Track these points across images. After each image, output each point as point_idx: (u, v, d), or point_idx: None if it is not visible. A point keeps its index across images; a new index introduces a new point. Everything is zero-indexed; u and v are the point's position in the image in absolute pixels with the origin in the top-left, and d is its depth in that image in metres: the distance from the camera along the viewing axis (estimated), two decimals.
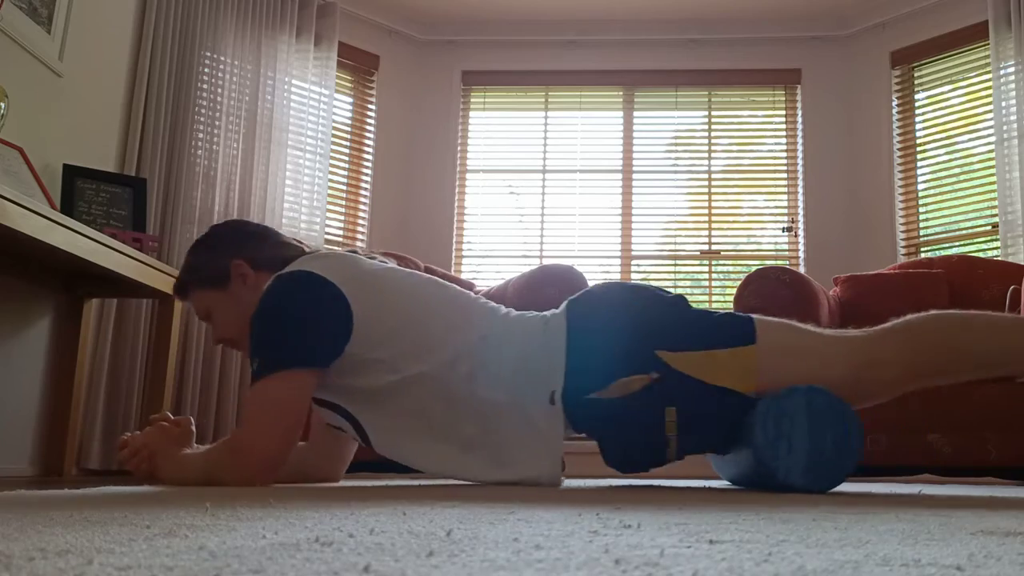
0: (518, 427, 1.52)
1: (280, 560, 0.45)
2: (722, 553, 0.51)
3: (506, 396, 1.51)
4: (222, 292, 1.64)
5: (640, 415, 1.49)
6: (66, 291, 2.87)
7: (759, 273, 2.98)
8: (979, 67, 4.16)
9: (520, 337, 1.56)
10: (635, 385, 1.48)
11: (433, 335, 1.54)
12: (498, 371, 1.52)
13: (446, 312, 1.58)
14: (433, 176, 4.70)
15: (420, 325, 1.55)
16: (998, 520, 0.82)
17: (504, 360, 1.53)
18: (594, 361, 1.51)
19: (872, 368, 1.51)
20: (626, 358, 1.50)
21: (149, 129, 3.45)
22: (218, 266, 1.64)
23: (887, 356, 1.51)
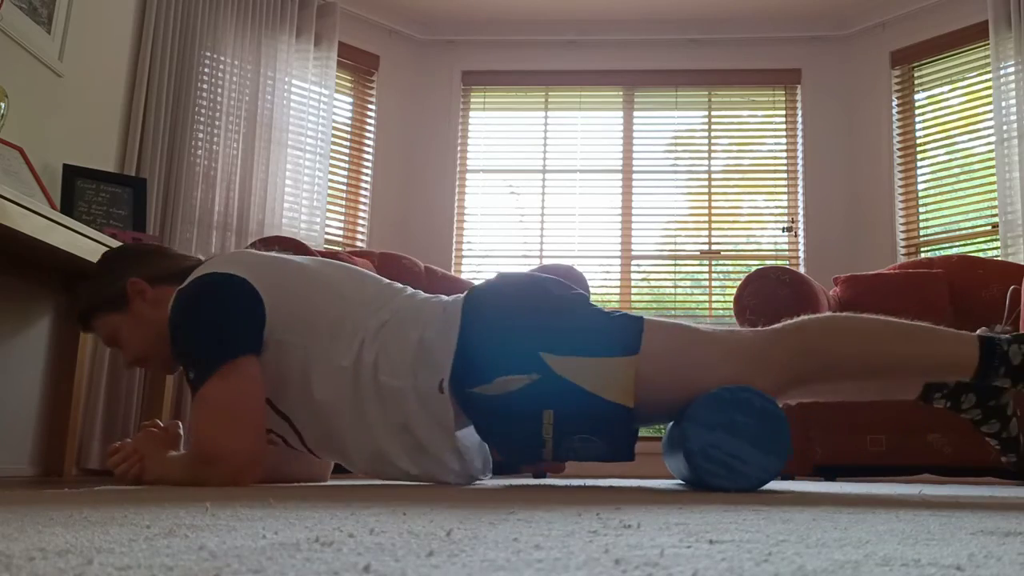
0: (418, 414, 1.52)
1: (280, 560, 0.45)
2: (722, 553, 0.51)
3: (405, 382, 1.51)
4: (123, 314, 1.65)
5: (518, 414, 1.49)
6: (66, 291, 2.87)
7: (759, 273, 2.98)
8: (979, 67, 4.16)
9: (421, 323, 1.55)
10: (514, 384, 1.48)
11: (337, 317, 1.55)
12: (399, 357, 1.52)
13: (349, 293, 1.59)
14: (433, 176, 4.70)
15: (324, 306, 1.55)
16: (998, 520, 0.82)
17: (405, 346, 1.53)
18: (480, 356, 1.50)
19: (753, 374, 1.48)
20: (510, 356, 1.49)
21: (149, 129, 3.45)
22: (114, 288, 1.64)
23: (771, 360, 1.49)
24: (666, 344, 1.51)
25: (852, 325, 1.54)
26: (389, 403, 1.52)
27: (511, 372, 1.48)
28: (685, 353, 1.51)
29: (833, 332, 1.51)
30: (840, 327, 1.53)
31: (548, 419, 1.48)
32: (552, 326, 1.52)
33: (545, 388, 1.47)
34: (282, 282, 1.56)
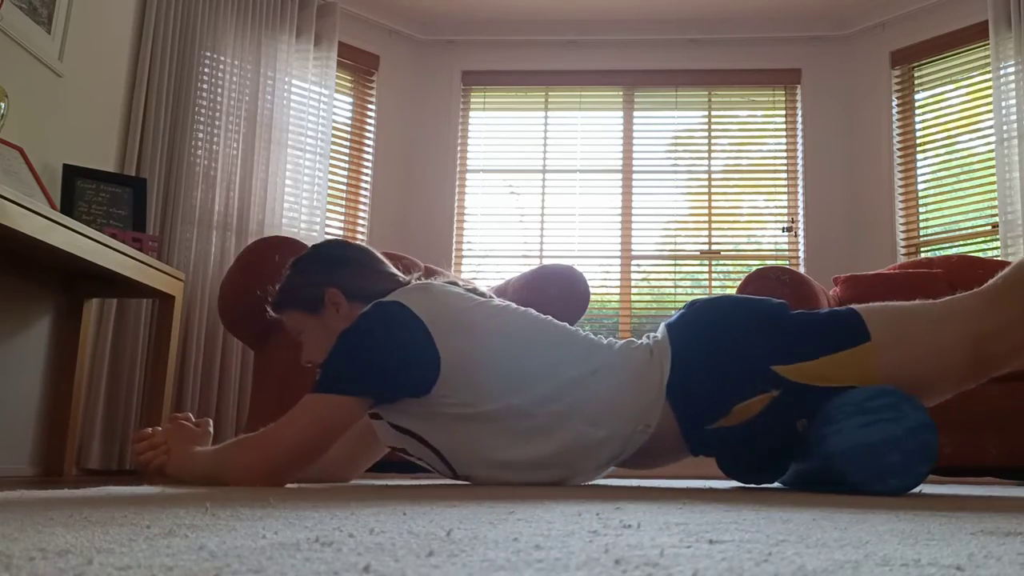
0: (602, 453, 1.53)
1: (280, 560, 0.45)
2: (722, 553, 0.51)
3: (606, 432, 1.51)
4: (314, 317, 1.63)
5: (767, 434, 1.47)
6: (66, 291, 2.87)
7: (759, 273, 2.98)
8: (979, 67, 4.16)
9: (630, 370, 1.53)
10: (756, 407, 1.45)
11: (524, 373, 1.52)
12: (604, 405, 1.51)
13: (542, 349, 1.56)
14: (433, 176, 4.70)
15: (510, 364, 1.52)
16: (998, 520, 0.82)
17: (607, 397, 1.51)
18: (707, 391, 1.48)
19: (992, 340, 1.45)
20: (740, 382, 1.46)
21: (149, 129, 3.45)
22: (314, 292, 1.62)
23: (1005, 319, 1.45)
24: (893, 330, 1.48)
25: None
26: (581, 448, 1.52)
27: (747, 396, 1.46)
28: (915, 337, 1.49)
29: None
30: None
31: (803, 427, 1.47)
32: (773, 337, 1.49)
33: (790, 399, 1.45)
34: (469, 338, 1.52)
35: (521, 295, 2.87)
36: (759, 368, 1.46)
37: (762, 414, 1.46)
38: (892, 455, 1.39)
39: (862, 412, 1.40)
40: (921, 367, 1.48)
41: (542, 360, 1.54)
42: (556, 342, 1.59)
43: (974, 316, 1.48)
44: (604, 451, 1.54)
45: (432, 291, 1.57)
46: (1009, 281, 1.50)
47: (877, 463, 1.39)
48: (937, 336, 1.49)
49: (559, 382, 1.52)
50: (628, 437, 1.52)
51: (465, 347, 1.51)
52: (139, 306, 3.28)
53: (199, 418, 1.61)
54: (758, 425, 1.46)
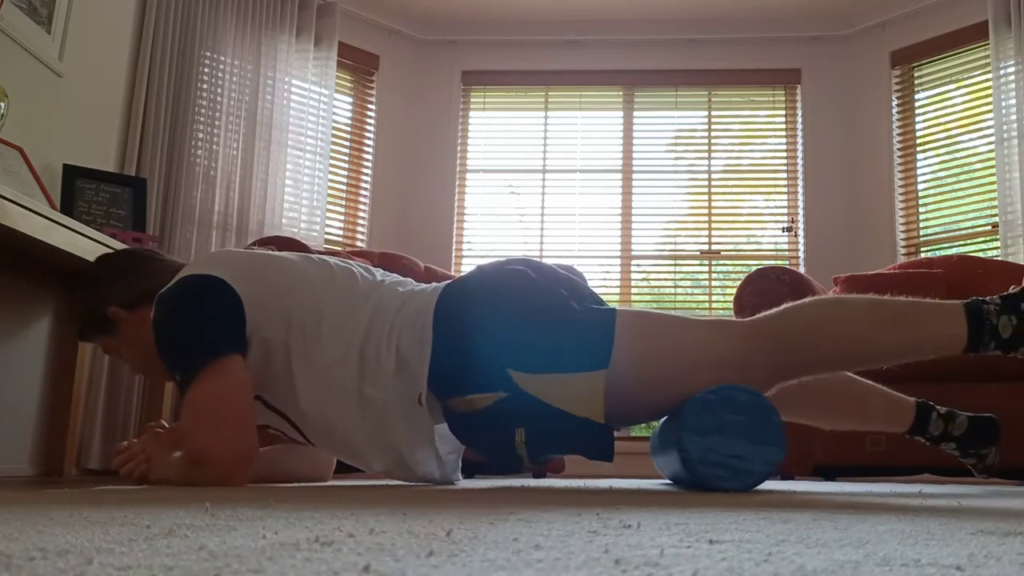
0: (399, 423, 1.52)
1: (280, 560, 0.45)
2: (722, 553, 0.51)
3: (387, 394, 1.51)
4: (115, 337, 1.67)
5: (490, 430, 1.47)
6: (66, 291, 2.87)
7: (759, 273, 2.98)
8: (979, 67, 4.16)
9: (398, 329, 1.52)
10: (482, 402, 1.45)
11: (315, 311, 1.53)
12: (381, 369, 1.51)
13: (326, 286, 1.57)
14: (433, 176, 4.70)
15: (302, 301, 1.54)
16: (998, 520, 0.82)
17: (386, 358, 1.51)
18: (450, 370, 1.48)
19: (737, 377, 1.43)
20: (478, 373, 1.46)
21: (149, 129, 3.45)
22: (98, 317, 1.66)
23: (755, 360, 1.45)
24: (639, 353, 1.45)
25: (834, 316, 1.48)
26: (371, 411, 1.52)
27: (479, 390, 1.46)
28: (659, 364, 1.46)
29: (815, 326, 1.46)
30: (823, 319, 1.47)
31: (520, 437, 1.45)
32: (521, 339, 1.46)
33: (514, 406, 1.43)
34: (260, 278, 1.55)
35: None
36: (497, 366, 1.45)
37: (485, 411, 1.45)
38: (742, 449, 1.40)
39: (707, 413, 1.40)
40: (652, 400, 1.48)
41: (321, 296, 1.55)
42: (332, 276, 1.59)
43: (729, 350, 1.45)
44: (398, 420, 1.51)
45: (202, 256, 1.65)
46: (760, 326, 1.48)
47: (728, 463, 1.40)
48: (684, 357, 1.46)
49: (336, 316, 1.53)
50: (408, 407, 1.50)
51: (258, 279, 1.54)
52: None
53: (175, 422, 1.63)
54: (478, 419, 1.47)
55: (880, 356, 1.48)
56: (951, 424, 1.80)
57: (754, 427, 1.40)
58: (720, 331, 1.50)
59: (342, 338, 1.52)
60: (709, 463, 1.40)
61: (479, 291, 1.54)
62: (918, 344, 1.46)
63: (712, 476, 1.40)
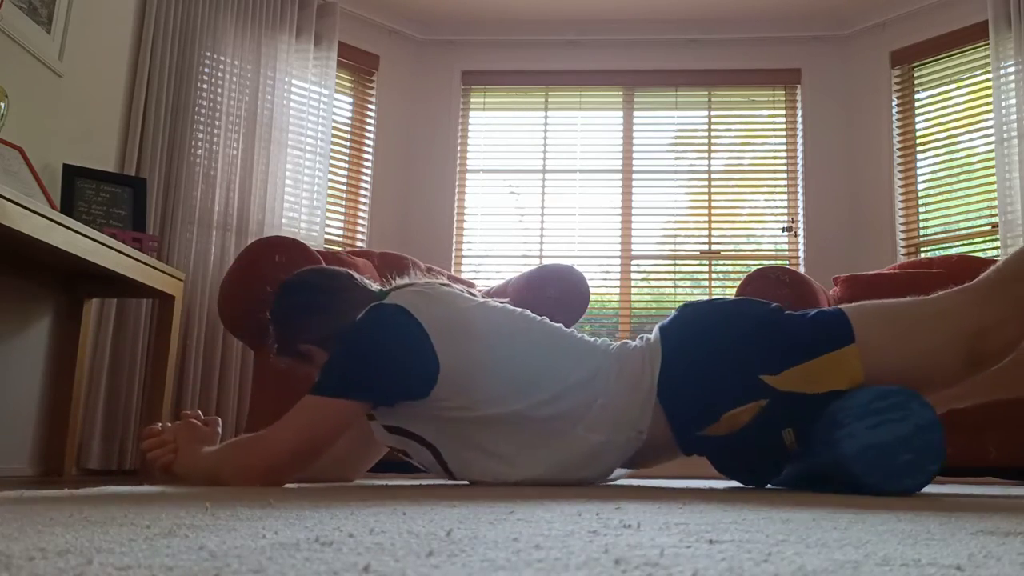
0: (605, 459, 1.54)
1: (280, 560, 0.45)
2: (722, 553, 0.51)
3: (605, 437, 1.52)
4: (306, 365, 1.66)
5: (757, 442, 1.48)
6: (66, 291, 2.87)
7: (759, 273, 2.98)
8: (979, 67, 4.16)
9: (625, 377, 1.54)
10: (744, 417, 1.46)
11: (525, 377, 1.52)
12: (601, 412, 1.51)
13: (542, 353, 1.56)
14: (433, 176, 4.70)
15: (511, 368, 1.53)
16: (998, 520, 0.82)
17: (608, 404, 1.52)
18: (698, 397, 1.49)
19: (985, 337, 1.44)
20: (729, 390, 1.47)
21: (149, 129, 3.45)
22: (293, 349, 1.65)
23: (997, 315, 1.44)
24: (880, 330, 1.48)
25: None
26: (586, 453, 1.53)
27: (736, 405, 1.47)
28: (904, 336, 1.48)
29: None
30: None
31: (790, 437, 1.47)
32: (761, 345, 1.49)
33: (777, 408, 1.45)
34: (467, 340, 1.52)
35: (521, 295, 2.87)
36: (748, 377, 1.47)
37: (751, 423, 1.46)
38: (902, 455, 1.39)
39: (870, 413, 1.40)
40: (911, 367, 1.48)
41: (541, 364, 1.54)
42: (554, 345, 1.59)
43: (966, 313, 1.47)
44: (602, 457, 1.54)
45: (431, 292, 1.57)
46: (1001, 276, 1.49)
47: (889, 464, 1.39)
48: (928, 335, 1.49)
49: (558, 387, 1.53)
50: (624, 443, 1.53)
51: (464, 349, 1.51)
52: (139, 306, 3.28)
53: (208, 416, 1.62)
54: (747, 434, 1.47)
55: None
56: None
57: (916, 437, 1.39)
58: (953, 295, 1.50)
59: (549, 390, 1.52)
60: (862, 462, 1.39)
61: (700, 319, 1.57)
62: None
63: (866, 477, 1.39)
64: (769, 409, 1.45)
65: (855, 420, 1.40)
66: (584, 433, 1.51)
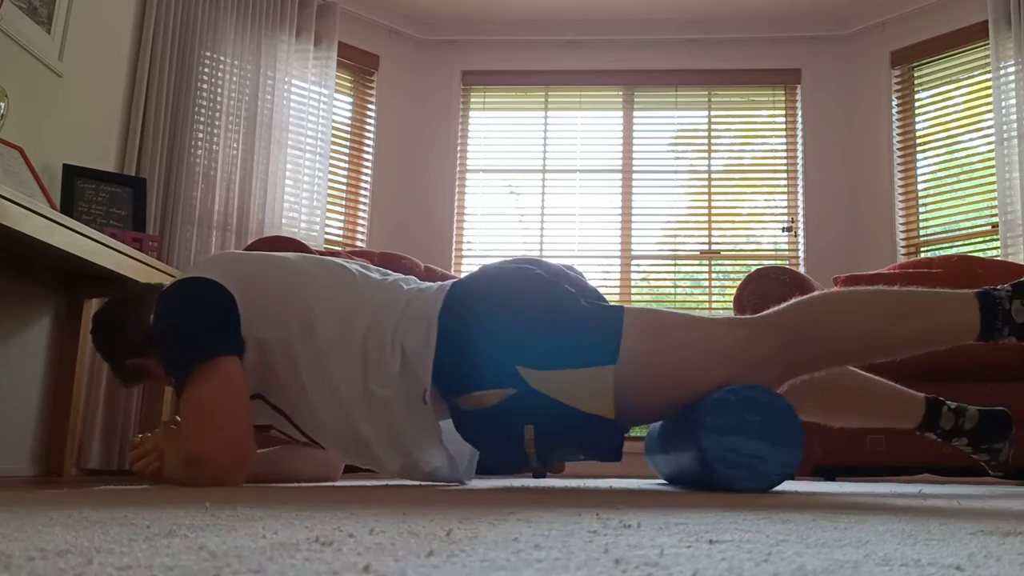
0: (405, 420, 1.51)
1: (280, 560, 0.45)
2: (722, 553, 0.51)
3: (392, 391, 1.50)
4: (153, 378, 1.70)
5: (498, 428, 1.46)
6: (66, 291, 2.87)
7: (759, 273, 2.98)
8: (979, 67, 4.16)
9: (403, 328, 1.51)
10: (491, 399, 1.44)
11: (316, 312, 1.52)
12: (386, 367, 1.50)
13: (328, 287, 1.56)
14: (433, 176, 4.70)
15: (301, 301, 1.53)
16: (998, 520, 0.82)
17: (391, 356, 1.50)
18: (458, 367, 1.47)
19: (749, 375, 1.43)
20: (486, 370, 1.45)
21: (149, 129, 3.45)
22: (127, 370, 1.69)
23: (766, 357, 1.44)
24: (649, 348, 1.45)
25: (845, 308, 1.46)
26: (377, 408, 1.51)
27: (488, 386, 1.45)
28: (669, 360, 1.46)
29: (827, 319, 1.45)
30: (834, 312, 1.46)
31: (529, 435, 1.45)
32: (529, 336, 1.46)
33: (523, 403, 1.43)
34: (256, 279, 1.54)
35: None
36: (506, 363, 1.44)
37: (496, 407, 1.44)
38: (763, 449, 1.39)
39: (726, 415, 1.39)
40: (662, 397, 1.47)
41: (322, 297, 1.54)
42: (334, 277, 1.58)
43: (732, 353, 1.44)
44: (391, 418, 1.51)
45: (212, 256, 1.63)
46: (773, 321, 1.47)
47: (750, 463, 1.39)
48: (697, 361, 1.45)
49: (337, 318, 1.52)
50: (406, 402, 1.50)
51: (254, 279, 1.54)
52: None
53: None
54: (487, 417, 1.46)
55: (894, 346, 1.46)
56: (962, 418, 1.78)
57: (773, 428, 1.39)
58: (730, 327, 1.48)
59: (343, 336, 1.51)
60: (728, 463, 1.39)
61: (486, 288, 1.53)
62: (932, 333, 1.44)
63: (730, 476, 1.39)
64: (514, 400, 1.43)
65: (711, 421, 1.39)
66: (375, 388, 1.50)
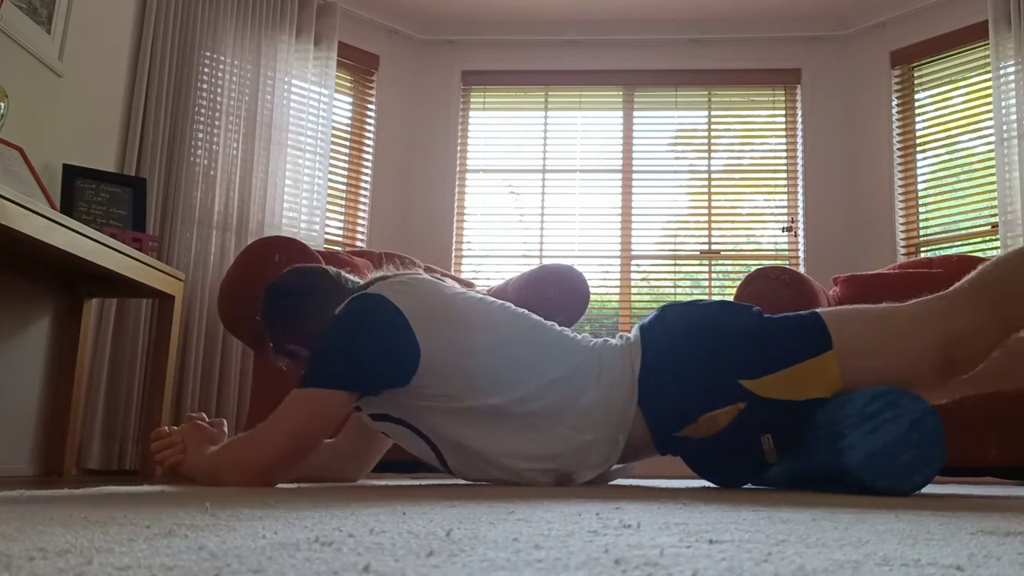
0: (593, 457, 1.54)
1: (280, 560, 0.45)
2: (722, 553, 0.51)
3: (592, 436, 1.52)
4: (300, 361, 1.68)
5: (735, 446, 1.48)
6: (66, 291, 2.87)
7: (759, 273, 2.98)
8: (979, 67, 4.16)
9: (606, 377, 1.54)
10: (723, 419, 1.47)
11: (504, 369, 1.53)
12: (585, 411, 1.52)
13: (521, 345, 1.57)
14: (433, 176, 4.70)
15: (490, 357, 1.54)
16: (998, 520, 0.82)
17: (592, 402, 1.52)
18: (678, 397, 1.49)
19: (962, 343, 1.45)
20: (708, 393, 1.48)
21: (149, 129, 3.45)
22: (284, 350, 1.68)
23: (974, 324, 1.45)
24: (858, 336, 1.49)
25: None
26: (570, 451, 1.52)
27: (715, 407, 1.47)
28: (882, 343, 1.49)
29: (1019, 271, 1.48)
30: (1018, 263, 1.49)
31: (768, 444, 1.48)
32: (742, 349, 1.50)
33: (756, 413, 1.46)
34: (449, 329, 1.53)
35: (521, 295, 2.87)
36: (727, 380, 1.47)
37: (729, 426, 1.47)
38: (905, 453, 1.39)
39: (865, 419, 1.40)
40: (888, 373, 1.48)
41: (520, 356, 1.55)
42: (534, 339, 1.59)
43: (942, 320, 1.48)
44: (589, 457, 1.54)
45: (412, 282, 1.59)
46: (976, 283, 1.50)
47: (894, 465, 1.39)
48: (904, 341, 1.49)
49: (536, 382, 1.53)
50: (609, 442, 1.54)
51: (445, 336, 1.52)
52: (139, 306, 3.28)
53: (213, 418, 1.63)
54: (724, 437, 1.48)
55: None
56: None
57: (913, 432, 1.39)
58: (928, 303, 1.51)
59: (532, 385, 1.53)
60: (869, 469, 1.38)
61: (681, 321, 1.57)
62: None
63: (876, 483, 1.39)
64: (748, 412, 1.46)
65: (853, 429, 1.40)
66: (570, 432, 1.52)
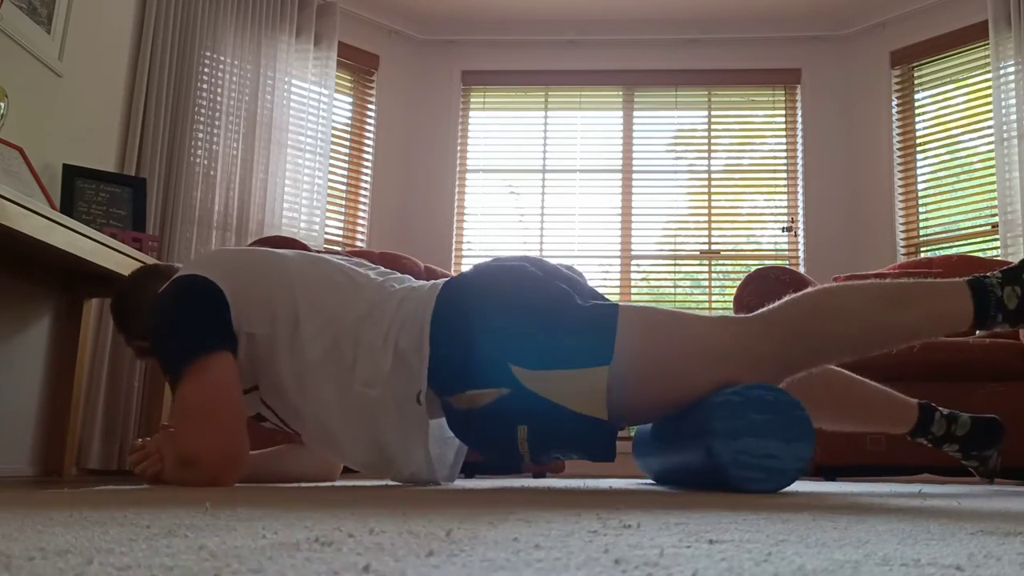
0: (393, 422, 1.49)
1: (280, 560, 0.45)
2: (722, 553, 0.51)
3: (382, 392, 1.48)
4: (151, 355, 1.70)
5: (492, 428, 1.45)
6: (66, 291, 2.87)
7: (759, 273, 2.98)
8: (979, 67, 4.16)
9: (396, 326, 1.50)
10: (484, 399, 1.43)
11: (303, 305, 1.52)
12: (376, 366, 1.48)
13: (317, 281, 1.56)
14: (433, 176, 4.70)
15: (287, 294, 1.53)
16: (998, 520, 0.82)
17: (382, 354, 1.48)
18: (451, 366, 1.45)
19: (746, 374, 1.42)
20: (479, 369, 1.43)
21: (149, 129, 3.45)
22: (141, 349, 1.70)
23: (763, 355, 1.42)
24: (643, 349, 1.43)
25: (839, 302, 1.45)
26: (362, 408, 1.49)
27: (481, 385, 1.43)
28: (665, 360, 1.44)
29: (821, 313, 1.44)
30: (828, 306, 1.45)
31: (522, 434, 1.44)
32: (522, 335, 1.44)
33: (516, 403, 1.41)
34: (246, 274, 1.54)
35: None
36: (499, 362, 1.43)
37: (487, 408, 1.43)
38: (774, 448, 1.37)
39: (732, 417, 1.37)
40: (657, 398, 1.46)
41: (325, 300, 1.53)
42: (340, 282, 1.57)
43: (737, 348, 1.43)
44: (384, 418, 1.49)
45: (204, 254, 1.64)
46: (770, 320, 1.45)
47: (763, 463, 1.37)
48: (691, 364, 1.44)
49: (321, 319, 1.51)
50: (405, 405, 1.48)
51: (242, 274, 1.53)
52: None
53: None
54: (479, 417, 1.45)
55: (890, 338, 1.45)
56: (954, 425, 1.79)
57: (783, 425, 1.37)
58: (725, 326, 1.47)
59: (331, 334, 1.51)
60: (742, 465, 1.36)
61: (480, 287, 1.51)
62: (927, 322, 1.44)
63: (746, 479, 1.36)
64: (507, 400, 1.42)
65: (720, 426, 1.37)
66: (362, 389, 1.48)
